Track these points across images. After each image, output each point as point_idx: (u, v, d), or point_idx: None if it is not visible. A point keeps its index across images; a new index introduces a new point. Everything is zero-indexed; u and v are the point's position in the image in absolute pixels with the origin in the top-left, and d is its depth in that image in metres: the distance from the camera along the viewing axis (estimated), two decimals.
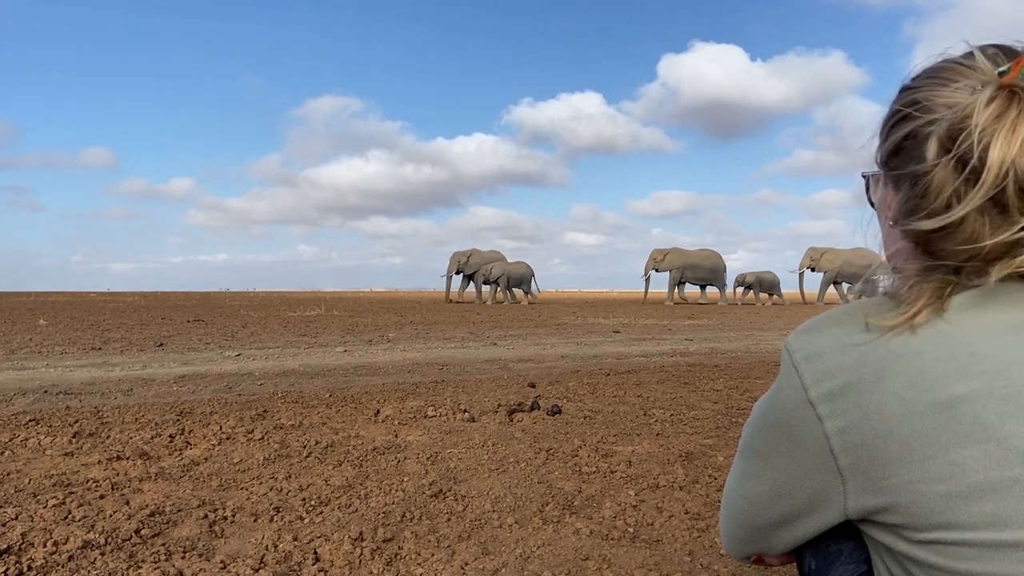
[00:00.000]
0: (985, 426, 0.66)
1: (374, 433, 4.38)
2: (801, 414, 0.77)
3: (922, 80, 0.76)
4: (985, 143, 0.67)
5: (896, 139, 0.77)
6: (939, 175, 0.71)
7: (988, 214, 0.69)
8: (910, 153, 0.74)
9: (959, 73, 0.73)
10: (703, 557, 2.47)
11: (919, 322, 0.71)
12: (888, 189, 0.81)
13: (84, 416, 4.79)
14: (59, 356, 9.03)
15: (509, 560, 2.42)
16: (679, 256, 41.72)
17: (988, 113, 0.68)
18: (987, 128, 0.67)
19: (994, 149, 0.67)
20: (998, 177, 0.67)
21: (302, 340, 12.19)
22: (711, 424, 4.79)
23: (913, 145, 0.74)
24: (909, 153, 0.74)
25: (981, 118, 0.68)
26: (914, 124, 0.74)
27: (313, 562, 2.38)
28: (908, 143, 0.75)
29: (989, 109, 0.68)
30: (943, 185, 0.71)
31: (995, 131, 0.67)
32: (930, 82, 0.75)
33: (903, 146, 0.76)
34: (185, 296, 60.54)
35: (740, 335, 14.82)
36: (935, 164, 0.71)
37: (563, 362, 9.00)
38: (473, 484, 3.30)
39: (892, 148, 0.78)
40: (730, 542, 0.94)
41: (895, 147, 0.77)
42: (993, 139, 0.67)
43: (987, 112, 0.68)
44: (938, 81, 0.74)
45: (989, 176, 0.67)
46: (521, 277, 41.41)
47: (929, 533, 0.68)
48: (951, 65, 0.75)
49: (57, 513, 2.75)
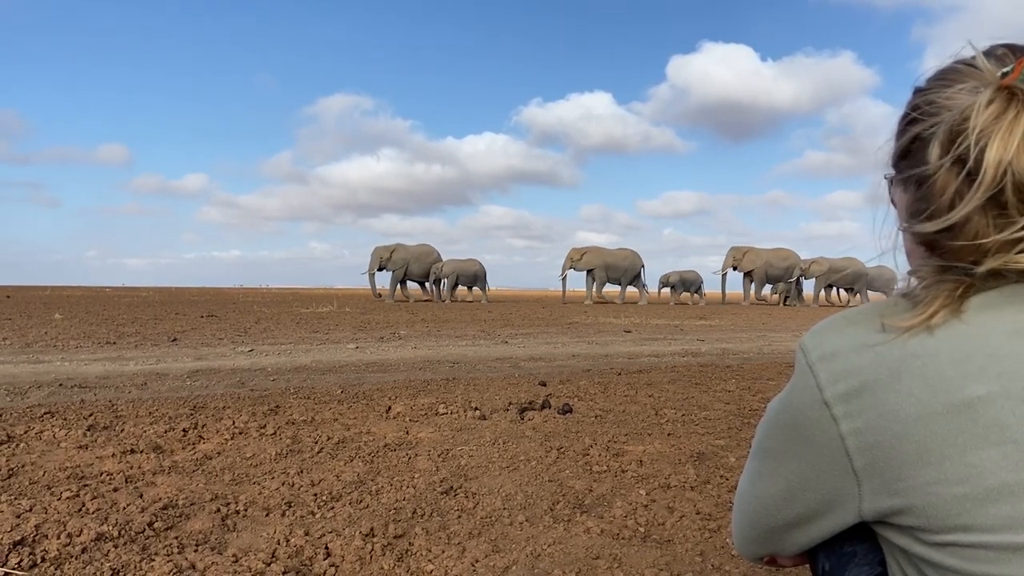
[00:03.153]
0: (1003, 428, 0.65)
1: (385, 430, 4.39)
2: (816, 415, 0.76)
3: (931, 82, 0.77)
4: (983, 144, 0.67)
5: (904, 142, 0.77)
6: (942, 177, 0.71)
7: (989, 214, 0.69)
8: (916, 156, 0.75)
9: (963, 75, 0.73)
10: (714, 558, 2.46)
11: (936, 323, 0.71)
12: (899, 191, 0.81)
13: (98, 409, 4.84)
14: (74, 350, 9.12)
15: (519, 558, 2.42)
16: (597, 255, 41.41)
17: (987, 114, 0.68)
18: (985, 129, 0.67)
19: (991, 150, 0.67)
20: (995, 177, 0.67)
21: (314, 336, 12.25)
22: (723, 425, 4.77)
23: (919, 148, 0.74)
24: (915, 156, 0.75)
25: (979, 119, 0.68)
26: (920, 127, 0.74)
27: (324, 557, 2.39)
28: (915, 146, 0.75)
29: (988, 110, 0.68)
30: (945, 187, 0.71)
31: (992, 132, 0.67)
32: (937, 84, 0.75)
33: (910, 149, 0.76)
34: (199, 292, 60.96)
35: (752, 336, 14.75)
36: (939, 166, 0.71)
37: (574, 361, 8.99)
38: (484, 482, 3.30)
39: (900, 151, 0.78)
40: (742, 543, 0.94)
41: (903, 150, 0.78)
42: (991, 140, 0.67)
43: (986, 113, 0.68)
44: (944, 83, 0.74)
45: (987, 177, 0.67)
46: (474, 275, 40.17)
47: (945, 535, 0.68)
48: (957, 67, 0.75)
49: (71, 505, 2.77)
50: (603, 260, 41.31)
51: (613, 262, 41.50)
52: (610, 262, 41.40)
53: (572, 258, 41.66)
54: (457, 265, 39.96)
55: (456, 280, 39.59)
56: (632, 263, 41.95)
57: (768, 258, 43.74)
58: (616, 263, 41.56)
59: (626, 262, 41.83)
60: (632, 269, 41.88)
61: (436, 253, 40.05)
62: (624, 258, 41.95)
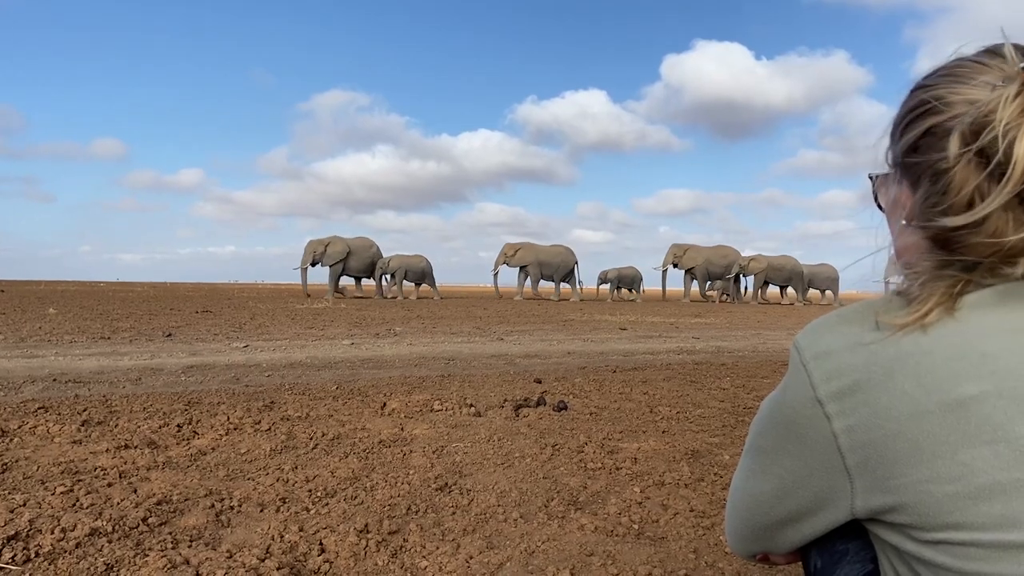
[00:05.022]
0: (995, 427, 0.65)
1: (380, 426, 4.39)
2: (809, 412, 0.77)
3: (937, 78, 0.76)
4: (1011, 138, 0.66)
5: (913, 136, 0.76)
6: (961, 171, 0.70)
7: (1012, 210, 0.68)
8: (929, 150, 0.74)
9: (977, 70, 0.72)
10: (708, 555, 2.47)
11: (930, 321, 0.71)
12: (902, 187, 0.80)
13: (93, 404, 4.83)
14: (68, 345, 9.09)
15: (514, 554, 2.43)
16: (531, 252, 41.32)
17: (1013, 108, 0.67)
18: (1012, 123, 0.67)
19: (1020, 144, 0.66)
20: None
21: (309, 332, 12.23)
22: (717, 422, 4.78)
23: (932, 142, 0.73)
24: (928, 150, 0.74)
25: (1006, 113, 0.67)
26: (933, 120, 0.73)
27: (319, 553, 2.39)
28: (926, 140, 0.74)
29: (1014, 104, 0.67)
30: (965, 181, 0.70)
31: (1021, 126, 0.66)
32: (946, 79, 0.74)
33: (920, 143, 0.75)
34: (194, 287, 60.80)
35: (747, 334, 14.78)
36: (957, 160, 0.70)
37: (569, 358, 8.99)
38: (479, 478, 3.31)
39: (909, 145, 0.77)
40: (736, 540, 0.94)
41: (912, 144, 0.76)
42: (1019, 134, 0.66)
43: (1012, 106, 0.67)
44: (954, 78, 0.73)
45: (1015, 172, 0.66)
46: (422, 271, 38.67)
47: (937, 533, 0.68)
48: (968, 63, 0.74)
49: (65, 500, 2.77)
50: (536, 257, 41.14)
51: (547, 259, 41.37)
52: (543, 259, 41.27)
53: (506, 254, 41.63)
54: (404, 260, 38.34)
55: (404, 276, 38.01)
56: (565, 260, 41.88)
57: (708, 256, 44.26)
58: (549, 260, 41.44)
59: (559, 259, 41.72)
60: (565, 266, 41.80)
61: (376, 247, 38.14)
62: (557, 255, 41.83)
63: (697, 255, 44.21)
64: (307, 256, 36.46)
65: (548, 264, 41.33)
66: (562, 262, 41.72)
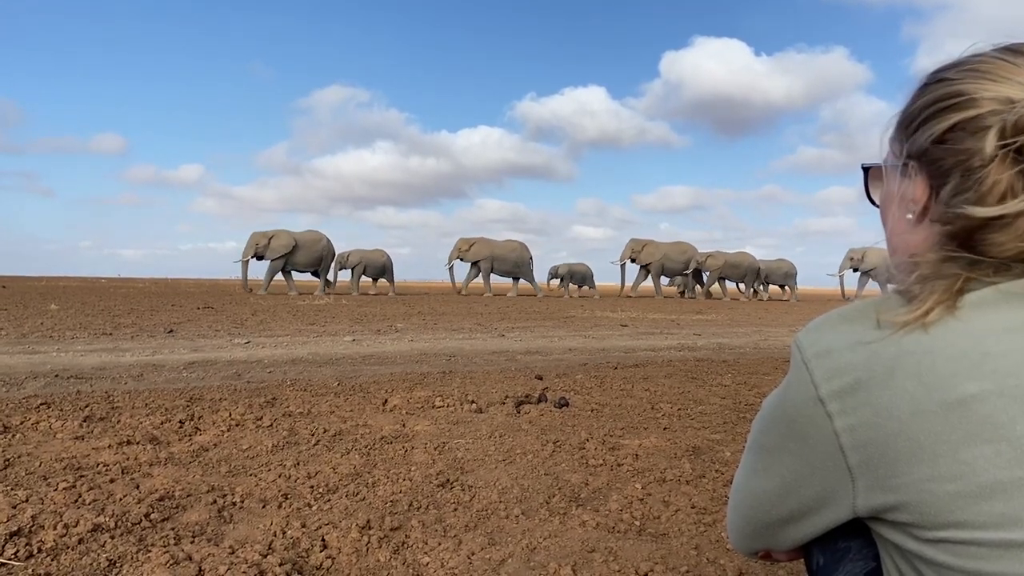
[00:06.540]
0: (996, 426, 0.65)
1: (382, 422, 4.40)
2: (810, 411, 0.77)
3: (959, 72, 0.75)
4: None
5: (938, 130, 0.75)
6: (996, 168, 0.70)
7: None
8: (957, 145, 0.73)
9: (1006, 69, 0.72)
10: (709, 551, 2.48)
11: (931, 319, 0.70)
12: (914, 181, 0.79)
13: (95, 400, 4.84)
14: (70, 341, 9.10)
15: (515, 551, 2.43)
16: (485, 247, 40.92)
17: None
18: None
19: None
20: None
21: (311, 329, 12.24)
22: (718, 419, 4.79)
23: (961, 137, 0.72)
24: (955, 145, 0.73)
25: None
26: (962, 115, 0.72)
27: (321, 549, 2.39)
28: (954, 135, 0.73)
29: None
30: (1000, 178, 0.70)
31: None
32: (972, 75, 0.73)
33: (947, 138, 0.74)
34: (195, 283, 60.87)
35: (749, 331, 14.78)
36: (993, 156, 0.70)
37: (570, 355, 9.00)
38: (480, 475, 3.31)
39: (933, 139, 0.76)
40: (737, 537, 0.94)
41: (937, 138, 0.75)
42: None
43: None
44: (980, 74, 0.73)
45: None
46: (382, 267, 37.79)
47: (939, 532, 0.68)
48: (991, 60, 0.74)
49: (67, 496, 2.78)
50: (491, 252, 40.80)
51: (501, 254, 41.05)
52: (498, 254, 40.94)
53: (460, 248, 41.26)
54: (364, 255, 37.42)
55: (363, 271, 37.20)
56: (520, 255, 41.65)
57: (667, 251, 44.21)
58: (504, 255, 41.12)
59: (514, 255, 41.46)
60: (519, 261, 41.57)
61: (327, 240, 35.91)
62: (512, 250, 41.57)
63: (655, 251, 44.08)
64: (249, 248, 33.93)
65: (502, 259, 40.98)
66: (517, 258, 41.43)
